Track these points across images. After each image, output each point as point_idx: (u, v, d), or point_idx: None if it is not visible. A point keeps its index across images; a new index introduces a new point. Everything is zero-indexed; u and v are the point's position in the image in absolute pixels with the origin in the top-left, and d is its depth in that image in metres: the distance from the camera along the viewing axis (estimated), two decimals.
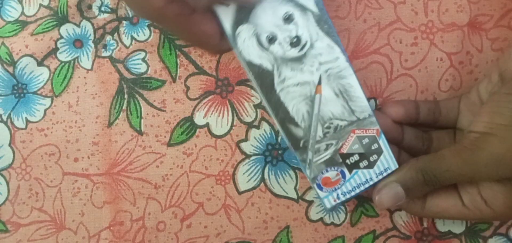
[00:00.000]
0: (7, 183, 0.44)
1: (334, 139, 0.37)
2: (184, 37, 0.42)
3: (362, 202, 0.43)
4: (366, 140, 0.37)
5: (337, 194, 0.39)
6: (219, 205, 0.44)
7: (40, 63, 0.44)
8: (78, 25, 0.44)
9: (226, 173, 0.43)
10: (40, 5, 0.44)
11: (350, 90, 0.37)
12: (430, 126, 0.41)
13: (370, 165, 0.38)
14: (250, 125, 0.43)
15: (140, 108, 0.43)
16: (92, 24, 0.44)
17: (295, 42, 0.36)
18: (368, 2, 0.42)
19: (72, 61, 0.44)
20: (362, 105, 0.37)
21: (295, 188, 0.43)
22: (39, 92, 0.43)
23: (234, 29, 0.36)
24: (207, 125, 0.43)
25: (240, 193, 0.43)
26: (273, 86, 0.37)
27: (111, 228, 0.44)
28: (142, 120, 0.43)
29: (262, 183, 0.43)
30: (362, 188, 0.38)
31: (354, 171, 0.38)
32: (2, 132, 0.43)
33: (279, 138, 0.43)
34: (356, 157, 0.38)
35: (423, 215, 0.41)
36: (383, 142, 0.38)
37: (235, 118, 0.43)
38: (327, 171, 0.38)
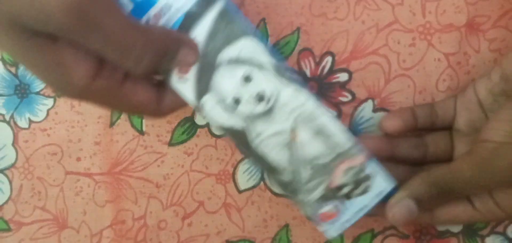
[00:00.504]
0: (10, 182, 0.44)
1: (322, 176, 0.37)
2: (116, 109, 0.41)
3: None
4: (354, 170, 0.37)
5: (339, 225, 0.39)
6: (220, 204, 0.44)
7: None
8: None
9: (226, 172, 0.44)
10: None
11: (325, 128, 0.37)
12: (427, 130, 0.41)
13: (365, 191, 0.38)
14: None
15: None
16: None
17: (259, 99, 0.36)
18: (367, 4, 0.42)
19: None
20: (341, 139, 0.37)
21: None
22: (41, 92, 0.44)
23: (198, 101, 0.36)
24: (207, 125, 0.43)
25: (240, 192, 0.44)
26: (249, 143, 0.37)
27: (113, 226, 0.44)
28: (143, 120, 0.44)
29: (262, 182, 0.44)
30: (361, 213, 0.38)
31: (351, 200, 0.38)
32: (5, 132, 0.44)
33: None
34: (348, 188, 0.38)
35: (433, 223, 0.41)
36: (373, 167, 0.38)
37: None
38: (322, 207, 0.38)
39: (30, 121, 0.44)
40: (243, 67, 0.36)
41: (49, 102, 0.44)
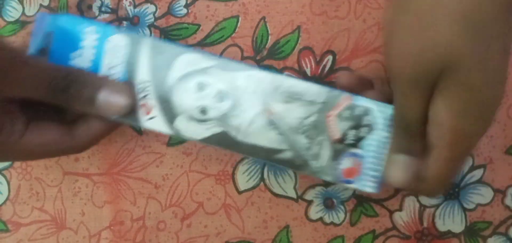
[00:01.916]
0: (8, 182, 0.44)
1: (319, 135, 0.37)
2: (25, 158, 0.41)
3: (362, 201, 0.43)
4: (346, 114, 0.36)
5: (371, 173, 0.37)
6: (219, 205, 0.44)
7: None
8: None
9: (225, 173, 0.43)
10: (41, 5, 0.44)
11: (293, 91, 0.36)
12: None
13: (371, 126, 0.36)
14: None
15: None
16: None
17: (221, 97, 0.37)
18: (368, 2, 0.42)
19: None
20: (314, 91, 0.36)
21: (294, 187, 0.43)
22: None
23: (171, 127, 0.37)
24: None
25: (240, 192, 0.43)
26: (236, 140, 0.37)
27: (112, 227, 0.44)
28: None
29: (262, 183, 0.43)
30: (384, 149, 0.36)
31: (363, 143, 0.37)
32: None
33: None
34: (353, 133, 0.37)
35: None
36: (363, 101, 0.36)
37: None
38: (340, 165, 0.37)
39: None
40: (192, 79, 0.37)
41: None
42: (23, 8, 0.44)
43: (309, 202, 0.43)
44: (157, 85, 0.37)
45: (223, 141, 0.37)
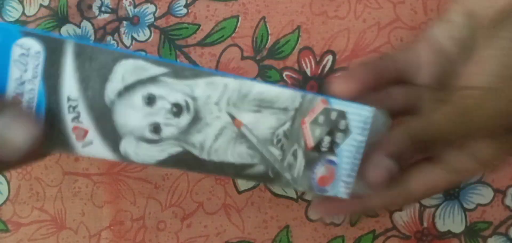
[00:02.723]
0: (8, 182, 0.44)
1: (293, 145, 0.33)
2: None
3: None
4: (321, 119, 0.33)
5: (343, 179, 0.34)
6: (219, 205, 0.44)
7: None
8: (79, 26, 0.44)
9: None
10: (41, 5, 0.44)
11: (263, 97, 0.32)
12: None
13: (347, 131, 0.33)
14: None
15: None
16: (93, 25, 0.44)
17: (177, 111, 0.31)
18: (368, 2, 0.42)
19: None
20: (287, 96, 0.32)
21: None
22: None
23: (116, 152, 0.31)
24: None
25: (239, 192, 0.43)
26: (199, 159, 0.32)
27: (112, 227, 0.44)
28: None
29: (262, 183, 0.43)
30: (359, 155, 0.34)
31: (338, 150, 0.34)
32: None
33: None
34: (328, 139, 0.33)
35: (413, 200, 0.38)
36: (339, 104, 0.33)
37: None
38: (313, 174, 0.34)
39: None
40: (137, 91, 0.30)
41: None
42: (23, 8, 0.44)
43: (309, 202, 0.43)
44: (91, 102, 0.30)
45: (184, 162, 0.32)
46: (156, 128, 0.31)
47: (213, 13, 0.43)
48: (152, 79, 0.30)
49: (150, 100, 0.30)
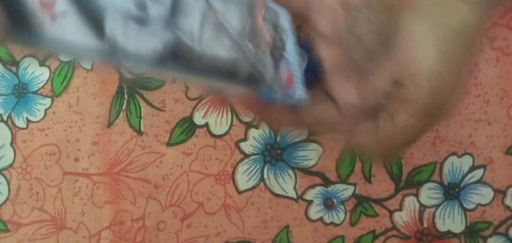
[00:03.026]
0: (8, 182, 0.44)
1: (260, 41, 0.31)
2: None
3: (362, 201, 0.43)
4: (267, 15, 0.31)
5: (298, 81, 0.33)
6: (219, 205, 0.44)
7: (41, 63, 0.44)
8: None
9: (225, 173, 0.43)
10: None
11: None
12: None
13: (285, 31, 0.33)
14: (249, 125, 0.43)
15: (140, 108, 0.43)
16: None
17: None
18: None
19: (73, 61, 0.44)
20: None
21: (294, 187, 0.43)
22: (39, 92, 0.43)
23: (102, 33, 0.23)
24: (206, 125, 0.43)
25: (239, 192, 0.43)
26: (194, 50, 0.27)
27: (112, 227, 0.44)
28: (141, 120, 0.43)
29: (262, 183, 0.43)
30: (296, 52, 0.33)
31: (287, 47, 0.33)
32: (3, 132, 0.44)
33: (278, 138, 0.43)
34: (278, 36, 0.32)
35: (301, 127, 0.38)
36: (271, 3, 0.32)
37: (234, 117, 0.43)
38: (281, 73, 0.32)
39: (28, 121, 0.43)
40: None
41: (47, 101, 0.43)
42: None
43: (309, 202, 0.43)
44: None
45: (181, 55, 0.27)
46: (141, 4, 0.25)
47: None
48: None
49: None
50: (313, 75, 0.35)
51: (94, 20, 0.23)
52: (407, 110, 0.30)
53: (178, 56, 0.26)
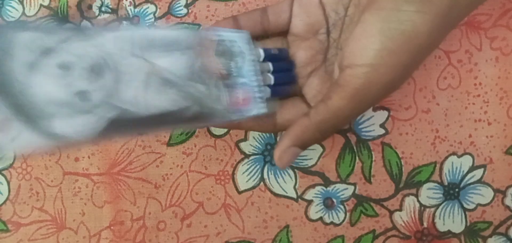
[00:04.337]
0: (8, 182, 0.44)
1: (211, 77, 0.33)
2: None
3: (362, 201, 0.43)
4: (220, 49, 0.35)
5: (257, 97, 0.36)
6: (219, 205, 0.44)
7: None
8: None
9: (225, 173, 0.43)
10: (41, 5, 0.44)
11: (168, 40, 0.32)
12: (259, 38, 0.40)
13: (242, 55, 0.35)
14: None
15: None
16: (93, 25, 0.44)
17: (98, 71, 0.28)
18: None
19: None
20: (184, 36, 0.32)
21: (294, 187, 0.43)
22: None
23: (51, 137, 0.26)
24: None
25: (239, 192, 0.43)
26: (139, 115, 0.29)
27: (112, 227, 0.44)
28: None
29: (262, 183, 0.43)
30: (258, 71, 0.36)
31: (243, 72, 0.35)
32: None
33: (278, 138, 0.43)
34: (233, 64, 0.35)
35: (276, 131, 0.41)
36: (224, 34, 0.35)
37: None
38: (236, 98, 0.34)
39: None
40: (47, 62, 0.26)
41: None
42: (23, 8, 0.44)
43: (309, 202, 0.43)
44: (1, 87, 0.25)
45: (127, 125, 0.29)
46: (84, 95, 0.27)
47: (213, 13, 0.43)
48: (56, 48, 0.27)
49: (65, 67, 0.27)
50: (289, 78, 0.39)
51: (44, 129, 0.26)
52: (340, 94, 0.33)
53: (123, 126, 0.28)
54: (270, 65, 0.38)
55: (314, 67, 0.39)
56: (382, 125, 0.42)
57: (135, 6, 0.43)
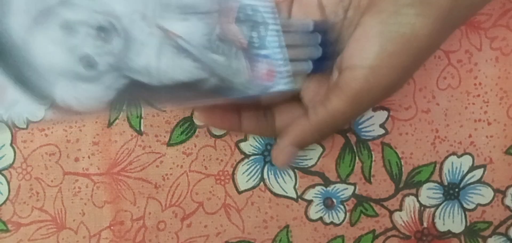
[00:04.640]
0: (8, 182, 0.44)
1: (232, 47, 0.31)
2: None
3: (362, 201, 0.43)
4: (242, 16, 0.32)
5: (283, 70, 0.34)
6: (219, 205, 0.44)
7: None
8: None
9: (225, 173, 0.43)
10: None
11: (184, 3, 0.29)
12: None
13: (265, 24, 0.33)
14: None
15: (140, 108, 0.43)
16: None
17: (105, 36, 0.26)
18: None
19: None
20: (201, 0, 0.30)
21: (294, 187, 0.43)
22: None
23: (55, 104, 0.24)
24: (206, 125, 0.43)
25: (239, 192, 0.43)
26: (151, 86, 0.27)
27: (112, 227, 0.44)
28: (141, 120, 0.43)
29: (262, 183, 0.43)
30: (283, 42, 0.34)
31: (266, 43, 0.33)
32: (4, 132, 0.44)
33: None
34: (255, 34, 0.33)
35: (276, 136, 0.40)
36: (247, 0, 0.33)
37: None
38: (258, 72, 0.33)
39: (28, 121, 0.43)
40: (50, 20, 0.24)
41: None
42: None
43: (309, 202, 0.43)
44: None
45: (137, 96, 0.27)
46: (89, 61, 0.25)
47: None
48: (60, 6, 0.24)
49: (69, 28, 0.25)
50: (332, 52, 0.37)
51: (44, 96, 0.23)
52: (339, 95, 0.33)
53: (133, 96, 0.26)
54: (319, 37, 0.36)
55: None
56: (382, 125, 0.42)
57: None
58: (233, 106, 0.38)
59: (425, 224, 0.43)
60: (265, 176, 0.43)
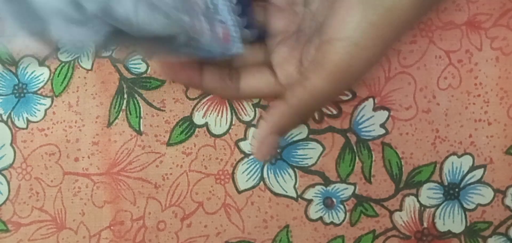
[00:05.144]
0: (8, 182, 0.44)
1: (193, 8, 0.31)
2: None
3: (362, 201, 0.43)
4: None
5: (235, 35, 0.35)
6: (219, 205, 0.44)
7: (41, 63, 0.44)
8: None
9: (225, 172, 0.43)
10: None
11: None
12: None
13: None
14: (249, 124, 0.43)
15: (140, 107, 0.43)
16: None
17: None
18: None
19: (72, 61, 0.44)
20: None
21: (294, 186, 0.43)
22: (39, 92, 0.43)
23: (50, 39, 0.25)
24: (206, 124, 0.43)
25: (239, 192, 0.43)
26: (132, 35, 0.28)
27: (112, 227, 0.44)
28: (141, 120, 0.43)
29: (262, 182, 0.43)
30: (233, 11, 0.35)
31: (219, 9, 0.34)
32: (3, 132, 0.44)
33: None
34: None
35: (238, 98, 0.39)
36: None
37: (234, 117, 0.43)
38: (217, 33, 0.33)
39: (28, 121, 0.43)
40: None
41: (47, 101, 0.43)
42: None
43: (309, 201, 0.43)
44: None
45: (122, 40, 0.28)
46: (77, 5, 0.25)
47: None
48: None
49: None
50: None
51: (41, 30, 0.24)
52: (318, 72, 0.31)
53: (118, 41, 0.28)
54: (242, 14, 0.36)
55: (285, 36, 0.37)
56: (382, 125, 0.42)
57: None
58: (195, 63, 0.36)
59: (425, 224, 0.43)
60: (265, 175, 0.43)
